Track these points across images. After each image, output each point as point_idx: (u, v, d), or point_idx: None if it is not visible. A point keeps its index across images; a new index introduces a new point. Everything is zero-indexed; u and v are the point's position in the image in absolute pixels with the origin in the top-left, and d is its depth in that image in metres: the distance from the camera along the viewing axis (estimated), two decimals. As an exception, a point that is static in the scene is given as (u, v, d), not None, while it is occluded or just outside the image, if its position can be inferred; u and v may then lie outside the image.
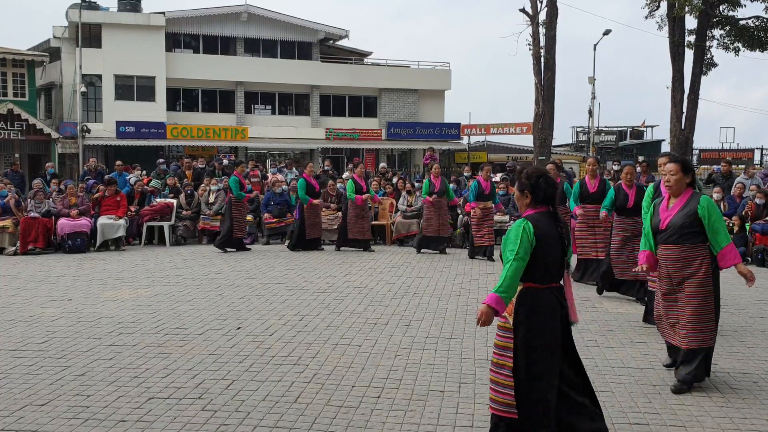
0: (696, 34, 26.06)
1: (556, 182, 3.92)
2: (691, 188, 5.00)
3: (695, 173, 5.14)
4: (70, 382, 5.08)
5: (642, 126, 45.18)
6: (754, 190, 13.15)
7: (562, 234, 3.77)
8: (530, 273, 3.68)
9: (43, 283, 9.29)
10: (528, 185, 3.81)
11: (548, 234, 3.71)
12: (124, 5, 32.62)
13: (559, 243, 3.74)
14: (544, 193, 3.78)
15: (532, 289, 3.71)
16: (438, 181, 12.84)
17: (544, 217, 3.77)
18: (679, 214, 4.93)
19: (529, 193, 3.82)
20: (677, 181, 4.98)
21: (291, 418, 4.40)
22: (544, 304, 3.70)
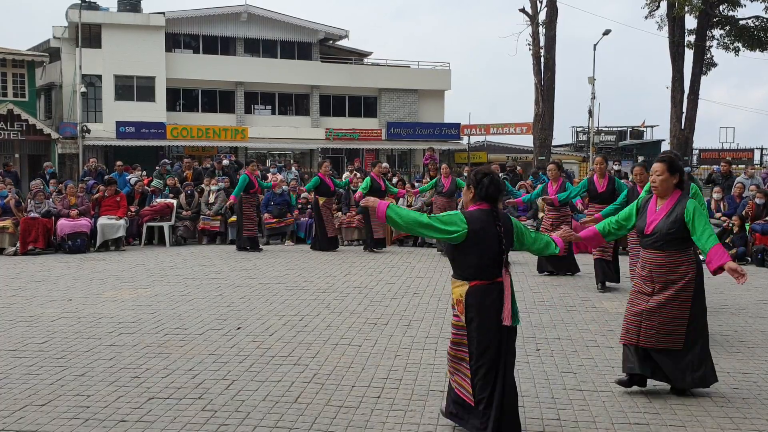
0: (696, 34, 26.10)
1: (500, 183, 4.11)
2: (679, 190, 4.74)
3: (684, 173, 4.82)
4: (70, 383, 5.08)
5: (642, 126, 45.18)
6: (753, 190, 13.16)
7: (500, 233, 3.94)
8: (469, 269, 3.95)
9: (43, 284, 9.29)
10: (473, 181, 4.06)
11: (484, 230, 3.92)
12: (123, 5, 32.64)
13: (495, 240, 3.93)
14: (486, 190, 3.99)
15: (479, 286, 3.94)
16: (448, 181, 12.63)
17: (484, 214, 3.98)
18: (665, 221, 4.68)
19: (473, 189, 4.04)
20: (663, 182, 4.73)
21: (291, 418, 4.40)
22: (490, 300, 3.92)
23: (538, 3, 25.17)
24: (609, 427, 4.31)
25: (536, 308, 7.76)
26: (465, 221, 3.93)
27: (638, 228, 4.86)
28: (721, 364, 5.63)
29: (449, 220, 3.95)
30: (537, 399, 4.78)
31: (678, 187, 4.76)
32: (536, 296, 8.49)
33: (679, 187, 4.76)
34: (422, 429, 4.26)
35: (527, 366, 5.53)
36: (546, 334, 6.55)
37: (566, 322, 7.08)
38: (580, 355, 5.88)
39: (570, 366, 5.55)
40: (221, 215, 14.23)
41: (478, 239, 3.90)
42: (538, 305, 7.93)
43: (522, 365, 5.55)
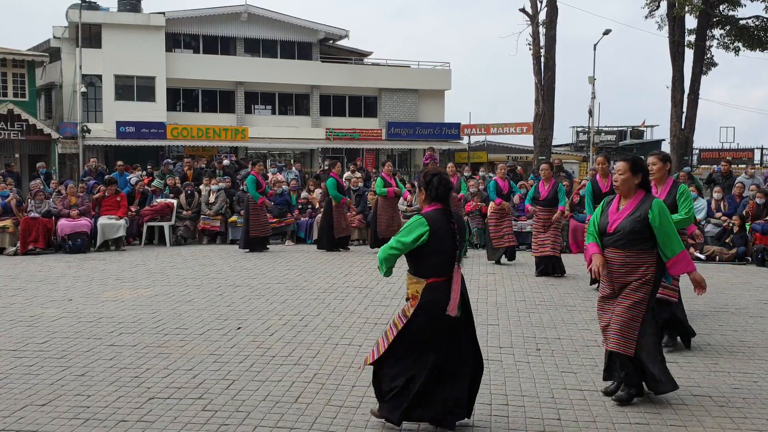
0: (696, 33, 26.07)
1: (449, 182, 4.24)
2: (643, 190, 4.73)
3: (648, 173, 4.84)
4: (71, 383, 5.08)
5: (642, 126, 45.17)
6: (754, 189, 13.15)
7: (455, 230, 4.11)
8: (425, 268, 4.11)
9: (44, 284, 9.29)
10: (423, 182, 4.23)
11: (441, 230, 4.08)
12: (124, 5, 32.63)
13: (450, 238, 4.09)
14: (437, 191, 4.16)
15: (433, 284, 4.09)
16: (453, 180, 12.53)
17: (438, 213, 4.14)
18: (628, 219, 4.65)
19: (424, 190, 4.22)
20: (624, 182, 4.71)
21: (291, 418, 4.40)
22: (441, 296, 4.06)
23: (538, 3, 25.14)
24: (609, 427, 4.31)
25: (536, 308, 7.76)
26: (426, 223, 4.08)
27: (601, 227, 4.80)
28: (722, 363, 5.64)
29: (411, 228, 4.10)
30: (537, 399, 4.78)
31: (642, 187, 4.74)
32: (536, 296, 8.49)
33: (643, 187, 4.74)
34: (422, 429, 4.26)
35: (527, 366, 5.53)
36: (546, 334, 6.55)
37: (566, 321, 7.08)
38: (580, 354, 5.88)
39: (570, 366, 5.55)
40: (221, 215, 14.23)
41: (437, 239, 4.07)
42: (539, 305, 7.93)
43: (522, 365, 5.55)
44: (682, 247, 4.63)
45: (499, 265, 11.19)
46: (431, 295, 4.08)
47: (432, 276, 4.10)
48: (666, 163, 6.00)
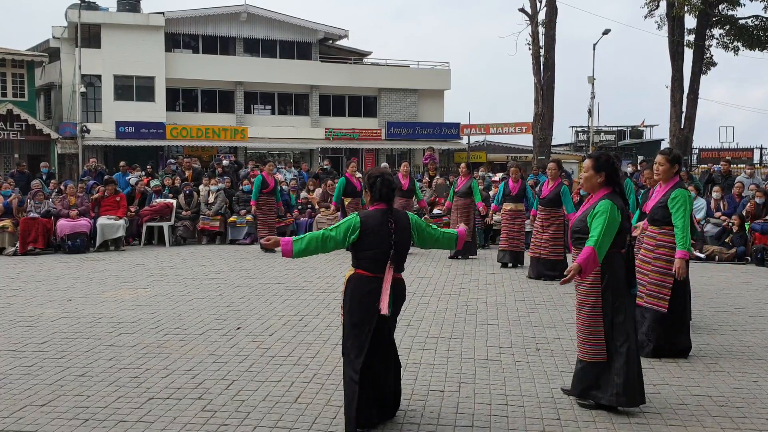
0: (695, 33, 26.08)
1: (392, 182, 4.32)
2: (607, 188, 4.52)
3: (614, 172, 4.53)
4: (70, 383, 5.07)
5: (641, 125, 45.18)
6: (753, 189, 13.15)
7: (392, 230, 4.16)
8: (358, 261, 4.22)
9: (43, 284, 9.29)
10: (367, 184, 4.32)
11: (377, 229, 4.15)
12: (123, 5, 32.63)
13: (387, 237, 4.14)
14: (380, 191, 4.24)
15: (361, 276, 4.19)
16: (464, 180, 12.09)
17: (379, 213, 4.22)
18: (578, 218, 4.58)
19: (368, 191, 4.30)
20: (587, 180, 4.59)
21: (291, 418, 4.40)
22: (367, 290, 4.14)
23: (537, 2, 25.15)
24: (609, 427, 4.31)
25: (536, 308, 7.76)
26: (359, 222, 4.18)
27: None
28: (721, 363, 5.64)
29: (341, 226, 4.20)
30: (537, 398, 4.77)
31: (608, 185, 4.52)
32: (536, 296, 8.49)
33: (609, 185, 4.52)
34: (422, 429, 4.26)
35: (527, 365, 5.53)
36: (546, 334, 6.55)
37: (566, 321, 7.08)
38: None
39: (570, 365, 5.54)
40: (221, 215, 14.23)
41: (369, 238, 4.15)
42: (538, 305, 7.93)
43: (522, 365, 5.55)
44: (593, 243, 4.29)
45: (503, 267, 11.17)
46: (353, 284, 4.20)
47: (359, 268, 4.22)
48: (674, 164, 5.64)
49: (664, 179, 5.67)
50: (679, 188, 5.57)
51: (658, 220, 5.69)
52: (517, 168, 11.21)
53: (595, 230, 4.34)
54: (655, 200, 5.74)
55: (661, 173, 5.65)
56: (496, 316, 7.28)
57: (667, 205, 5.56)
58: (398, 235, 4.19)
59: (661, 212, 5.64)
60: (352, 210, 12.82)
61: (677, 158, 5.70)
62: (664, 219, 5.61)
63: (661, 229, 5.67)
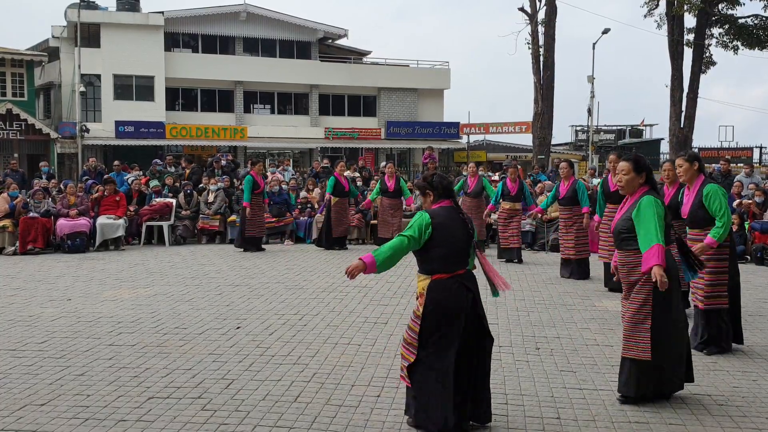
0: (695, 32, 26.11)
1: (450, 179, 4.47)
2: (645, 187, 4.64)
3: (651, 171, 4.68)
4: (70, 382, 5.08)
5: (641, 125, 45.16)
6: (752, 188, 13.15)
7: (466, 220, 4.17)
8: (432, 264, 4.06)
9: (43, 283, 9.29)
10: (427, 185, 4.28)
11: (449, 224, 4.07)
12: (122, 5, 32.61)
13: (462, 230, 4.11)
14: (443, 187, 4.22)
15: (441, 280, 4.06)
16: (474, 181, 12.14)
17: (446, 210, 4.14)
18: (621, 219, 4.66)
19: (431, 192, 4.27)
20: (629, 182, 4.67)
21: (291, 418, 4.40)
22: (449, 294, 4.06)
23: (537, 2, 25.17)
24: (609, 426, 4.31)
25: (536, 307, 7.76)
26: (429, 219, 4.03)
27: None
28: (721, 362, 5.64)
29: (418, 223, 4.04)
30: (537, 398, 4.78)
31: (646, 184, 4.64)
32: (536, 295, 8.49)
33: (647, 184, 4.63)
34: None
35: (527, 365, 5.53)
36: (546, 333, 6.55)
37: (566, 320, 7.08)
38: (579, 354, 5.88)
39: (570, 365, 5.55)
40: (220, 214, 14.23)
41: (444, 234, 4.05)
42: (538, 304, 7.94)
43: (522, 364, 5.55)
44: (658, 240, 4.36)
45: (504, 264, 11.21)
46: (435, 291, 4.03)
47: (436, 273, 4.05)
48: (693, 162, 5.83)
49: (689, 180, 5.84)
50: (708, 184, 5.71)
51: (698, 222, 5.79)
52: (515, 169, 11.39)
53: (651, 227, 4.40)
54: (689, 204, 5.86)
55: (683, 173, 5.83)
56: (496, 316, 7.28)
57: (702, 203, 5.67)
58: (472, 226, 4.18)
59: (700, 213, 5.73)
60: (339, 209, 12.89)
61: (694, 156, 5.91)
62: (705, 219, 5.70)
63: (703, 231, 5.73)
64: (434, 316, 4.02)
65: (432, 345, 4.02)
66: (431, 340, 4.02)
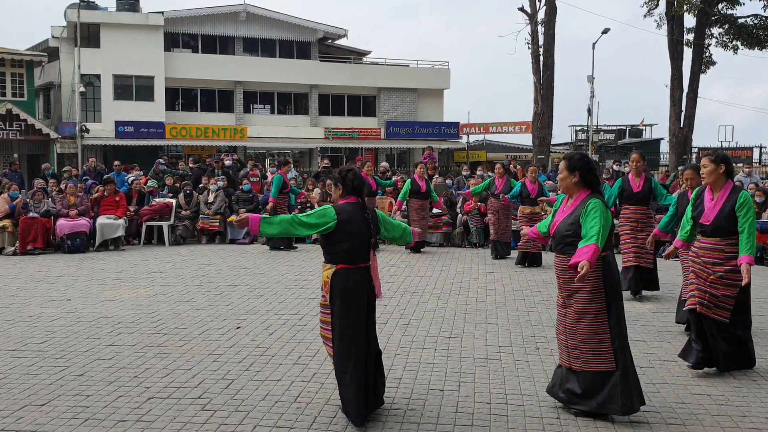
0: (695, 32, 26.11)
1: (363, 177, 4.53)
2: (587, 189, 4.38)
3: (589, 171, 4.38)
4: (70, 382, 5.08)
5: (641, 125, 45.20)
6: (752, 188, 13.16)
7: (369, 220, 4.39)
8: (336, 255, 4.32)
9: (43, 283, 9.29)
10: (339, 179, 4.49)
11: (353, 221, 4.32)
12: (122, 5, 32.61)
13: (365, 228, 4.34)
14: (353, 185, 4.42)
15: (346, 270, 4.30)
16: (502, 182, 11.74)
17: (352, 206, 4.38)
18: (564, 222, 4.39)
19: (341, 186, 4.48)
20: (562, 181, 4.47)
21: (291, 418, 4.40)
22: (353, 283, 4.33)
23: (537, 2, 25.16)
24: (609, 426, 4.31)
25: (536, 307, 7.76)
26: (335, 213, 4.29)
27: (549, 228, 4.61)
28: (721, 362, 5.64)
29: (320, 214, 4.31)
30: (536, 398, 4.78)
31: (586, 186, 4.39)
32: (536, 295, 8.49)
33: (587, 187, 4.39)
34: (422, 428, 4.26)
35: (527, 365, 5.53)
36: (545, 333, 6.54)
37: (566, 320, 7.08)
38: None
39: (569, 365, 5.54)
40: (220, 214, 14.22)
41: (348, 228, 4.29)
42: (538, 304, 7.93)
43: (521, 364, 5.55)
44: (596, 241, 4.14)
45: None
46: (340, 279, 4.30)
47: (341, 263, 4.32)
48: (720, 165, 5.22)
49: (713, 183, 5.27)
50: (742, 191, 5.23)
51: (722, 231, 5.20)
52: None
53: (594, 228, 4.17)
54: (714, 211, 5.24)
55: (706, 175, 5.26)
56: (496, 316, 7.28)
57: (735, 212, 5.13)
58: (374, 225, 4.44)
59: (727, 224, 5.17)
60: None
61: (722, 158, 5.25)
62: (732, 228, 5.16)
63: (727, 240, 5.19)
64: (340, 303, 4.29)
65: (345, 333, 4.28)
66: (343, 327, 4.29)
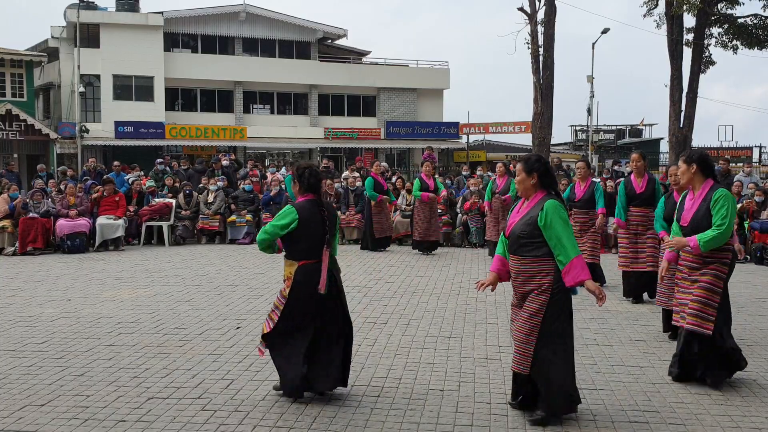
0: (694, 32, 26.08)
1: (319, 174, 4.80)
2: (543, 191, 4.33)
3: (546, 173, 4.34)
4: (70, 383, 5.07)
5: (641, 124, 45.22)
6: (752, 188, 13.16)
7: (325, 218, 4.66)
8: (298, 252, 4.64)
9: (42, 284, 9.29)
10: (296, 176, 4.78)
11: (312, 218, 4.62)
12: (122, 5, 32.57)
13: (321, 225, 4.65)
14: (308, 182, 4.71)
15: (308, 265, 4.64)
16: (503, 181, 11.83)
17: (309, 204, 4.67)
18: (519, 223, 4.31)
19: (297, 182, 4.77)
20: (519, 183, 4.40)
21: (291, 418, 4.40)
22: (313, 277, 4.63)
23: (536, 1, 25.15)
24: (609, 426, 4.31)
25: (535, 307, 7.75)
26: (296, 213, 4.59)
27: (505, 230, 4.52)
28: (721, 362, 5.63)
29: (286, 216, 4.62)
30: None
31: (543, 187, 4.34)
32: (535, 295, 8.47)
33: (544, 188, 4.34)
34: (422, 428, 4.26)
35: (527, 365, 5.52)
36: (545, 333, 6.54)
37: (565, 320, 7.07)
38: (579, 353, 5.87)
39: (569, 364, 5.54)
40: (220, 215, 14.22)
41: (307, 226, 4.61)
42: (538, 304, 7.92)
43: (521, 364, 5.54)
44: (577, 252, 4.16)
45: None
46: (303, 274, 4.60)
47: (303, 259, 4.62)
48: (691, 164, 4.99)
49: (689, 184, 5.05)
50: (718, 188, 4.91)
51: (701, 231, 4.90)
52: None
53: (563, 235, 4.14)
54: (692, 210, 5.00)
55: (681, 176, 5.07)
56: (496, 315, 7.28)
57: (710, 210, 4.87)
58: (330, 221, 4.69)
59: (705, 222, 4.90)
60: (379, 209, 12.77)
61: (692, 157, 5.04)
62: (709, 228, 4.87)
63: None
64: (299, 297, 4.60)
65: (293, 321, 4.61)
66: (293, 316, 4.61)
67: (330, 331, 4.68)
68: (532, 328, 4.23)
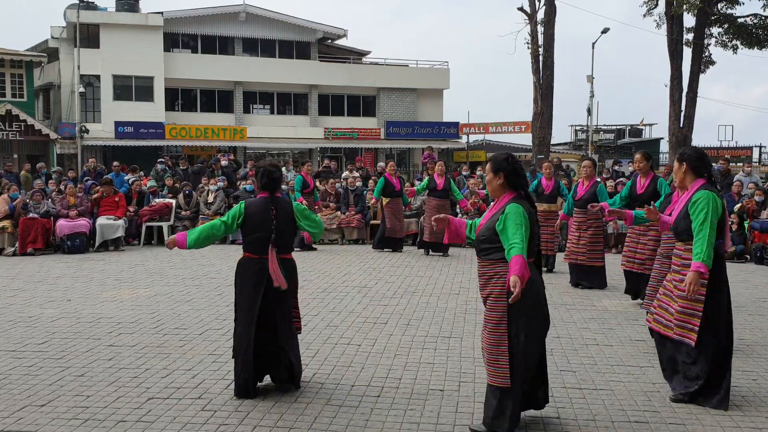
0: (694, 32, 26.10)
1: (273, 173, 4.90)
2: (512, 192, 4.14)
3: (514, 173, 4.13)
4: (70, 383, 5.08)
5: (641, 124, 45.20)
6: (752, 188, 13.16)
7: (273, 216, 4.78)
8: (246, 245, 4.91)
9: (42, 284, 9.29)
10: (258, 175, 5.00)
11: (260, 215, 4.79)
12: (122, 5, 32.57)
13: (269, 223, 4.77)
14: (262, 181, 4.91)
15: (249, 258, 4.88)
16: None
17: (262, 201, 4.86)
18: (484, 226, 4.16)
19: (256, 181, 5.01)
20: (488, 184, 4.24)
21: (291, 418, 4.40)
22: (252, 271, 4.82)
23: (536, 1, 25.17)
24: (609, 426, 4.31)
25: (535, 307, 7.75)
26: (244, 209, 4.82)
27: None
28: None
29: (233, 212, 4.87)
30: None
31: (511, 188, 4.14)
32: (535, 295, 8.47)
33: (512, 189, 4.14)
34: (422, 428, 4.26)
35: (527, 365, 5.53)
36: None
37: (565, 320, 7.09)
38: (579, 353, 5.88)
39: (569, 365, 5.55)
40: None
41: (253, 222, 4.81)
42: (538, 304, 7.92)
43: (521, 364, 5.55)
44: (519, 252, 3.89)
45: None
46: (242, 266, 4.86)
47: (247, 251, 4.87)
48: (682, 163, 4.77)
49: (682, 182, 4.83)
50: (701, 190, 4.61)
51: (682, 233, 4.72)
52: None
53: (516, 236, 3.94)
54: (676, 212, 4.84)
55: (675, 176, 4.89)
56: (496, 315, 7.28)
57: (688, 212, 4.63)
58: (279, 220, 4.79)
59: (684, 224, 4.68)
60: (393, 209, 12.64)
61: (684, 156, 4.81)
62: (689, 232, 4.62)
63: (686, 245, 4.68)
64: (238, 289, 4.84)
65: (240, 312, 4.80)
66: (240, 307, 4.80)
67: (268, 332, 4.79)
68: (500, 338, 4.04)
